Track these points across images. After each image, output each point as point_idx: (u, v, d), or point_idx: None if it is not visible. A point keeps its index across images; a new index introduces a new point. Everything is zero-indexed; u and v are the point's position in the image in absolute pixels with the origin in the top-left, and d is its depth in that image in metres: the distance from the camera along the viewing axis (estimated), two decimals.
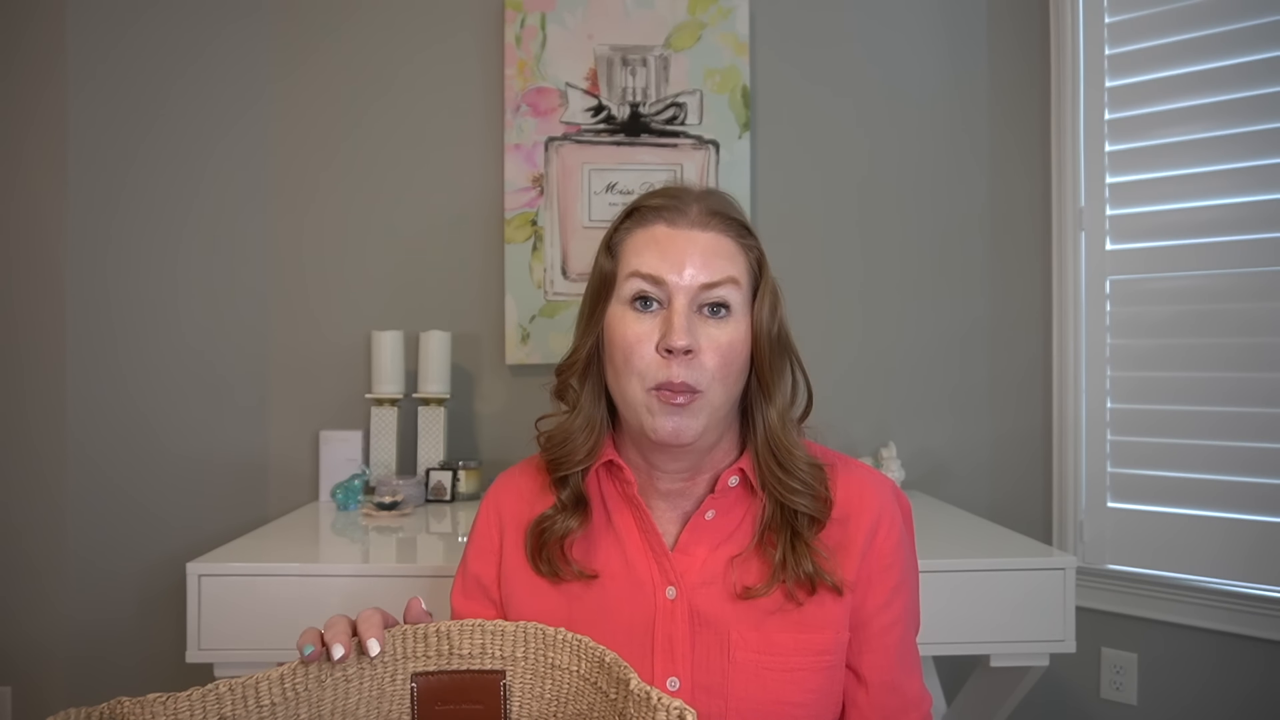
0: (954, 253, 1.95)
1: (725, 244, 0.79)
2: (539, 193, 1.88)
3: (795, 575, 0.77)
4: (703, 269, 0.77)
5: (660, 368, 0.76)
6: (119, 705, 0.55)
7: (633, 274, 0.78)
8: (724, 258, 0.78)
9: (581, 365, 0.83)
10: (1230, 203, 1.63)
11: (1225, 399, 1.62)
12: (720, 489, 0.81)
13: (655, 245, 0.78)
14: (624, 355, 0.77)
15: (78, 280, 1.82)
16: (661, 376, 0.75)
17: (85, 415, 1.82)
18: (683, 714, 0.52)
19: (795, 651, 0.77)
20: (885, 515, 0.82)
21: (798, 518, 0.79)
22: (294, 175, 1.89)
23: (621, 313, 0.79)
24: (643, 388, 0.77)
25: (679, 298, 0.76)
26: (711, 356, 0.76)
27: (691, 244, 0.78)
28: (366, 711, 0.64)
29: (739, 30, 1.88)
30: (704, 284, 0.76)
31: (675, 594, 0.79)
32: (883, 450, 1.81)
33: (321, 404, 1.88)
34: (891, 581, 0.81)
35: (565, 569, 0.80)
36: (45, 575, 1.80)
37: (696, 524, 0.81)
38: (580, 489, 0.83)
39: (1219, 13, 1.63)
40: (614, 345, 0.79)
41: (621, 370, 0.78)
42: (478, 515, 0.90)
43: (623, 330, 0.78)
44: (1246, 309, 1.62)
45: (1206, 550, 1.64)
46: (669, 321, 0.76)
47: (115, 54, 1.83)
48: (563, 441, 0.82)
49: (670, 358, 0.75)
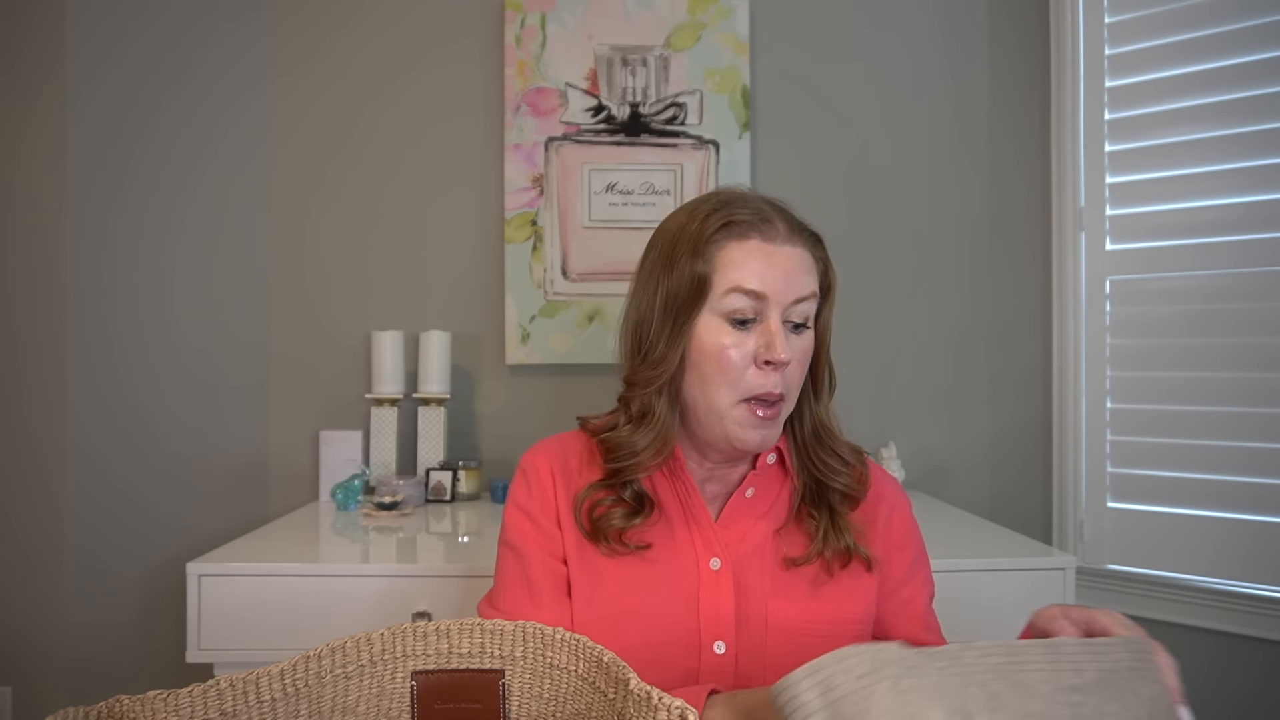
0: (954, 253, 1.95)
1: (807, 260, 0.83)
2: (539, 193, 1.88)
3: (835, 548, 0.83)
4: (795, 287, 0.80)
5: (759, 379, 0.79)
6: (118, 704, 0.55)
7: (734, 289, 0.79)
8: (807, 273, 0.82)
9: (667, 378, 0.82)
10: (1230, 203, 1.63)
11: (1225, 399, 1.62)
12: (761, 467, 0.87)
13: (754, 260, 0.80)
14: (718, 365, 0.80)
15: (77, 280, 1.82)
16: (760, 388, 0.79)
17: (85, 415, 1.82)
18: (684, 714, 0.52)
19: (830, 620, 0.82)
20: (899, 499, 0.92)
21: (833, 494, 0.86)
22: (294, 175, 1.89)
23: (716, 325, 0.80)
24: (733, 399, 0.80)
25: (773, 313, 0.80)
26: (796, 367, 0.82)
27: (788, 260, 0.81)
28: (367, 709, 0.64)
29: (739, 30, 1.88)
30: (794, 300, 0.81)
31: (720, 565, 0.83)
32: (883, 450, 1.81)
33: (321, 404, 1.88)
34: (909, 557, 0.89)
35: (620, 547, 0.84)
36: (45, 575, 1.80)
37: (738, 500, 0.87)
38: (642, 489, 0.85)
39: (1219, 13, 1.63)
40: (705, 355, 0.80)
41: (712, 379, 0.80)
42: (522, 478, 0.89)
43: (718, 340, 0.80)
44: (1246, 309, 1.61)
45: (1206, 550, 1.64)
46: (769, 334, 0.79)
47: (115, 53, 1.83)
48: (630, 454, 0.83)
49: (768, 369, 0.79)
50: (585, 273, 1.88)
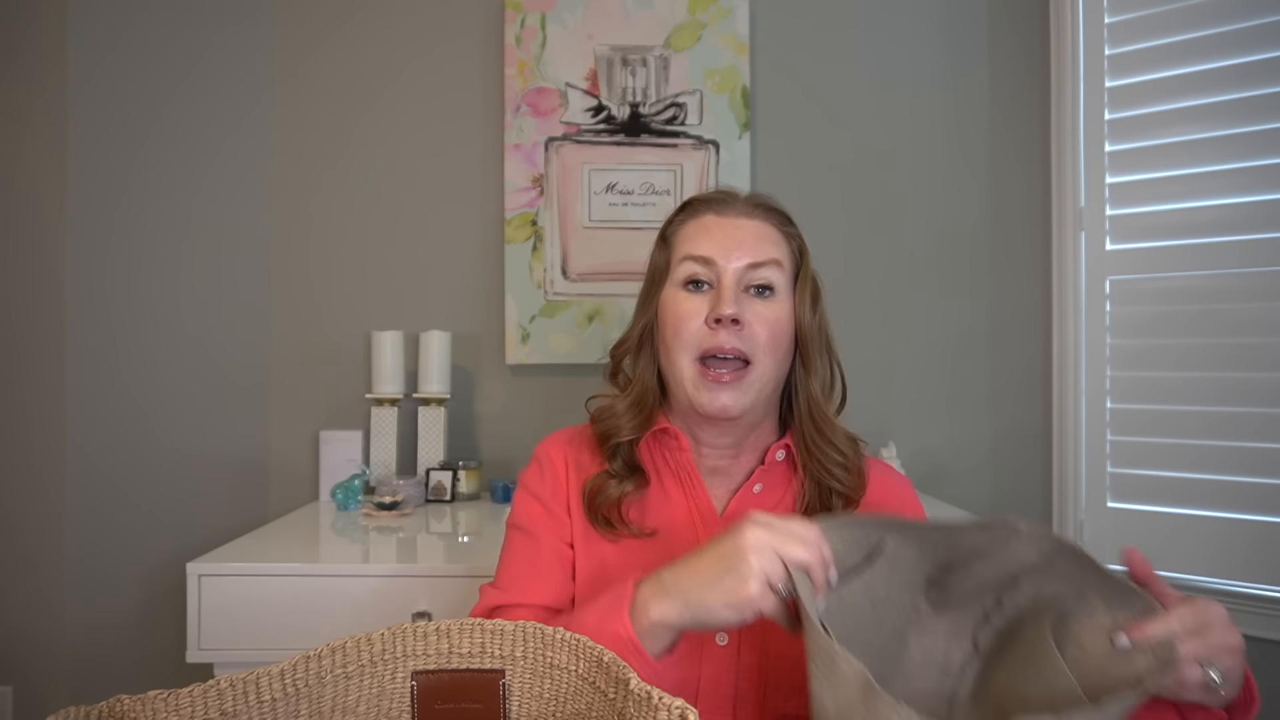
0: (954, 253, 1.95)
1: (769, 230, 0.87)
2: (539, 193, 1.88)
3: None
4: (749, 251, 0.84)
5: (708, 336, 0.82)
6: (118, 703, 0.55)
7: (685, 258, 0.85)
8: (768, 241, 0.86)
9: (634, 345, 0.90)
10: (1230, 203, 1.63)
11: (1225, 399, 1.62)
12: (769, 463, 0.88)
13: (705, 231, 0.86)
14: (674, 329, 0.84)
15: (77, 280, 1.82)
16: (709, 344, 0.82)
17: (85, 415, 1.82)
18: (684, 714, 0.52)
19: None
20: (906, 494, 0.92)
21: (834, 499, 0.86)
22: (294, 175, 1.89)
23: (674, 294, 0.86)
24: (690, 359, 0.83)
25: (727, 276, 0.83)
26: (761, 329, 0.83)
27: (739, 229, 0.85)
28: (367, 709, 0.64)
29: (739, 30, 1.88)
30: (750, 264, 0.83)
31: None
32: (883, 450, 1.81)
33: (321, 404, 1.88)
34: None
35: (622, 528, 0.85)
36: (45, 575, 1.80)
37: (745, 495, 0.87)
38: (633, 457, 0.88)
39: (1219, 13, 1.63)
40: (666, 323, 0.86)
41: (672, 345, 0.85)
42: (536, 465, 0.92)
43: (675, 308, 0.85)
44: (1246, 309, 1.61)
45: (1206, 550, 1.64)
46: (718, 295, 0.83)
47: (115, 55, 1.83)
48: (611, 416, 0.88)
49: (718, 327, 0.82)
50: (585, 273, 1.88)
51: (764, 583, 0.63)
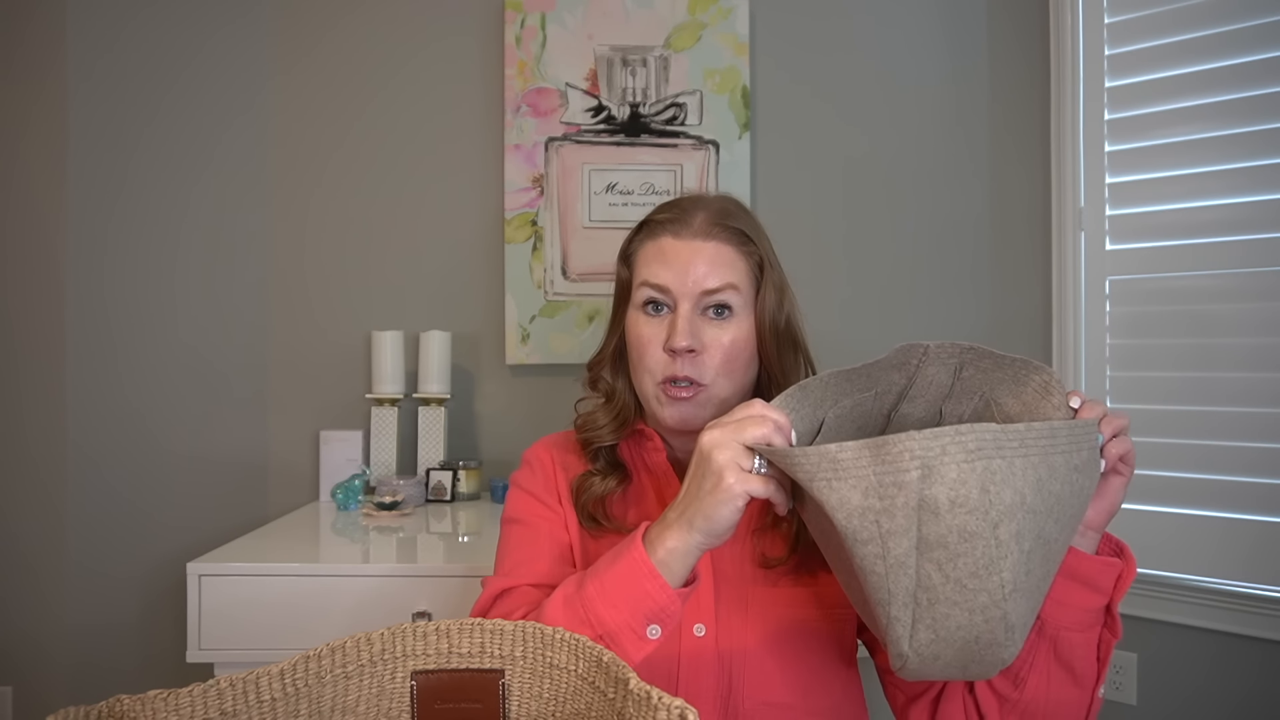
0: (953, 253, 1.95)
1: (726, 252, 0.87)
2: (539, 193, 1.88)
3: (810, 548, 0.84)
4: (705, 277, 0.85)
5: (666, 365, 0.85)
6: (118, 703, 0.55)
7: (643, 283, 0.88)
8: (724, 265, 0.86)
9: (610, 360, 0.94)
10: (1230, 203, 1.63)
11: (1225, 399, 1.62)
12: None
13: (661, 256, 0.87)
14: (638, 354, 0.88)
15: (77, 280, 1.82)
16: (667, 373, 0.85)
17: (85, 415, 1.82)
18: (684, 713, 0.52)
19: (807, 603, 0.85)
20: None
21: None
22: (294, 175, 1.89)
23: (635, 316, 0.89)
24: (653, 382, 0.86)
25: (683, 303, 0.85)
26: (715, 354, 0.85)
27: (694, 254, 0.86)
28: (367, 709, 0.64)
29: (739, 30, 1.88)
30: (705, 290, 0.85)
31: None
32: None
33: (321, 404, 1.88)
34: None
35: (607, 524, 0.88)
36: (45, 576, 1.80)
37: None
38: (614, 457, 0.92)
39: (1219, 13, 1.63)
40: (630, 345, 0.90)
41: (636, 366, 0.88)
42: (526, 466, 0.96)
43: (636, 332, 0.88)
44: (1246, 309, 1.61)
45: (1206, 550, 1.64)
46: (674, 325, 0.84)
47: (114, 52, 1.83)
48: (593, 426, 0.92)
49: (675, 356, 0.84)
50: (585, 273, 1.88)
51: (737, 470, 0.66)
